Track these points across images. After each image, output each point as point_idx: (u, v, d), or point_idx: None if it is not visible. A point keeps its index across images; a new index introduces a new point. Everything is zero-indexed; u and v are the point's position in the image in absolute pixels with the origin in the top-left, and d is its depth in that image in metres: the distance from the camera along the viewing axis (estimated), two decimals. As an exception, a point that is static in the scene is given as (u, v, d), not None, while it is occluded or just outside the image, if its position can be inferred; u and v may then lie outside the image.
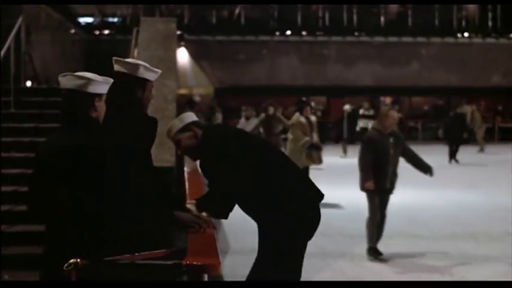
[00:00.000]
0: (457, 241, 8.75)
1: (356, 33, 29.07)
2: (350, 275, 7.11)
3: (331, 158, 13.67)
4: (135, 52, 9.76)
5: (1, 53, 9.12)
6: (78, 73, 3.41)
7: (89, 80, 3.36)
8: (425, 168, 7.80)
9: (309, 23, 29.05)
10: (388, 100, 30.93)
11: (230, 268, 4.31)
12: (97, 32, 27.29)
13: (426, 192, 13.11)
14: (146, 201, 3.51)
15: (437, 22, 29.38)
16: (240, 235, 7.93)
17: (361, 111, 20.67)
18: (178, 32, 13.48)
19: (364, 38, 29.18)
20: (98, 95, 3.40)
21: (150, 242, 3.45)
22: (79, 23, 25.48)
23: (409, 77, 28.98)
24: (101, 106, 3.43)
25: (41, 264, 3.42)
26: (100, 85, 3.40)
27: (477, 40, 29.49)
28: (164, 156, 6.73)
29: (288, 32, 28.99)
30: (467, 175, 15.84)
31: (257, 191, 3.96)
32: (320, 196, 4.13)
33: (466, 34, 29.62)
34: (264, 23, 28.78)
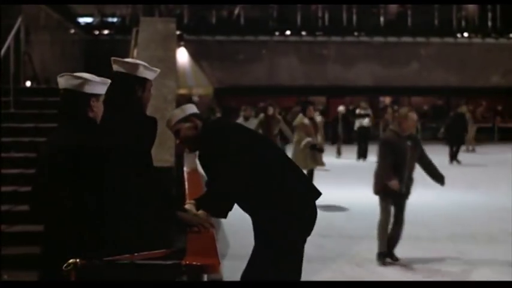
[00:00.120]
0: (457, 241, 8.75)
1: (355, 33, 29.10)
2: (349, 275, 7.11)
3: (328, 159, 13.65)
4: (135, 52, 9.76)
5: (1, 53, 9.12)
6: (75, 73, 3.42)
7: (85, 80, 3.36)
8: (438, 177, 7.58)
9: (309, 23, 29.07)
10: (388, 100, 30.95)
11: (230, 268, 4.30)
12: (96, 32, 27.32)
13: (426, 192, 13.10)
14: (146, 201, 3.51)
15: (436, 22, 29.40)
16: (240, 235, 7.92)
17: (357, 110, 20.62)
18: (177, 32, 13.47)
19: (363, 38, 29.20)
20: (95, 95, 3.40)
21: (150, 242, 3.45)
22: (78, 23, 25.49)
23: (409, 77, 29.00)
24: (98, 106, 3.43)
25: (40, 264, 3.41)
26: (97, 85, 3.40)
27: (477, 40, 29.51)
28: (164, 156, 6.73)
29: (288, 32, 29.02)
30: (467, 175, 15.84)
31: (257, 189, 3.92)
32: (317, 195, 4.12)
33: (466, 34, 29.65)
34: (264, 23, 28.79)
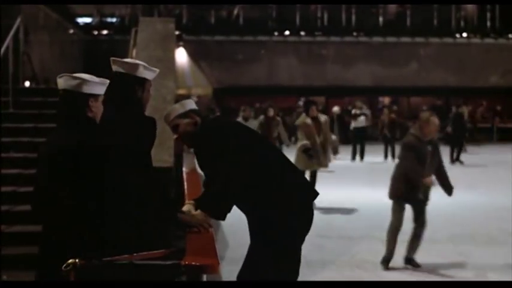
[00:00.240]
0: (457, 241, 8.75)
1: (355, 33, 29.11)
2: (349, 276, 7.10)
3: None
4: (134, 52, 9.76)
5: (0, 53, 9.12)
6: (74, 74, 3.42)
7: (84, 81, 3.37)
8: (449, 188, 7.40)
9: (308, 23, 29.08)
10: (387, 100, 30.94)
11: (229, 268, 4.30)
12: (95, 32, 27.33)
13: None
14: (146, 202, 3.50)
15: (435, 22, 29.41)
16: (239, 235, 7.90)
17: (353, 111, 20.44)
18: (176, 32, 13.48)
19: (362, 38, 29.21)
20: (93, 96, 3.40)
21: (149, 242, 3.45)
22: (77, 23, 25.51)
23: (408, 77, 29.01)
24: (97, 106, 3.43)
25: (38, 264, 3.40)
26: (95, 86, 3.41)
27: (476, 40, 29.52)
28: (163, 156, 6.73)
29: (287, 32, 29.03)
30: (467, 176, 15.82)
31: (256, 189, 3.90)
32: (315, 195, 4.13)
33: (465, 34, 29.66)
34: (263, 23, 28.80)
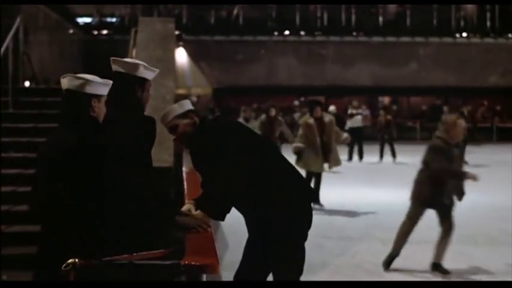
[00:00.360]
0: (457, 241, 8.73)
1: (354, 33, 29.11)
2: (349, 276, 7.10)
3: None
4: (134, 52, 9.76)
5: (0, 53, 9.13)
6: (78, 74, 3.42)
7: (87, 81, 3.37)
8: (461, 193, 7.27)
9: (308, 23, 29.08)
10: (387, 100, 30.95)
11: (229, 268, 4.30)
12: (95, 32, 27.33)
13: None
14: (146, 202, 3.50)
15: (435, 22, 29.42)
16: (239, 235, 7.89)
17: (349, 110, 20.07)
18: (176, 32, 13.48)
19: (362, 38, 29.21)
20: (96, 96, 3.40)
21: (149, 242, 3.45)
22: (77, 23, 25.50)
23: (408, 77, 29.01)
24: (100, 107, 3.43)
25: (36, 264, 3.40)
26: (98, 86, 3.40)
27: (475, 40, 29.53)
28: (162, 156, 6.73)
29: (287, 32, 29.03)
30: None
31: (256, 190, 3.89)
32: (313, 196, 4.12)
33: (465, 34, 29.66)
34: (263, 23, 28.80)
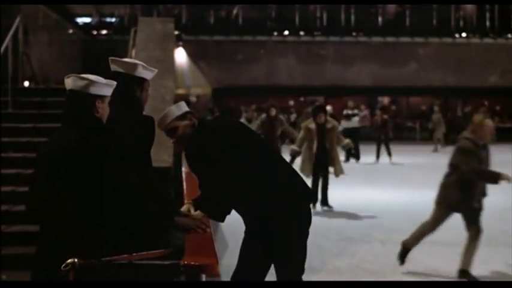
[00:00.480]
0: (457, 242, 8.73)
1: (354, 33, 29.12)
2: (348, 276, 7.10)
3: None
4: (133, 52, 9.77)
5: (-1, 53, 9.15)
6: (82, 75, 3.42)
7: (91, 82, 3.36)
8: (484, 195, 7.01)
9: (307, 23, 29.08)
10: (386, 100, 30.96)
11: (228, 268, 4.31)
12: (95, 32, 27.32)
13: (426, 192, 13.08)
14: (145, 202, 3.50)
15: (435, 22, 29.43)
16: (238, 235, 7.90)
17: (344, 111, 19.68)
18: (176, 32, 13.48)
19: (362, 38, 29.22)
20: (100, 97, 3.39)
21: (148, 242, 3.45)
22: (77, 23, 25.49)
23: (407, 77, 29.02)
24: (104, 108, 3.43)
25: (35, 264, 3.39)
26: (102, 87, 3.40)
27: (475, 40, 29.53)
28: (162, 156, 6.74)
29: (286, 32, 29.03)
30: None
31: (256, 190, 3.88)
32: (312, 197, 4.13)
33: (464, 34, 29.68)
34: (262, 23, 28.80)
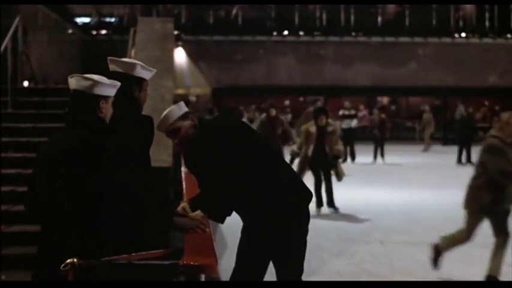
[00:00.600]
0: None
1: (353, 33, 29.11)
2: (347, 276, 7.10)
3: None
4: (132, 52, 9.77)
5: (-1, 53, 9.15)
6: (86, 75, 3.42)
7: (95, 82, 3.36)
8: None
9: (307, 23, 29.07)
10: (386, 100, 30.96)
11: (227, 268, 4.31)
12: (94, 32, 27.31)
13: (426, 192, 13.13)
14: (144, 202, 3.50)
15: (434, 22, 29.43)
16: (238, 235, 7.91)
17: (341, 112, 19.50)
18: (175, 32, 13.47)
19: (361, 38, 29.21)
20: (104, 97, 3.39)
21: (148, 242, 3.45)
22: (76, 23, 25.47)
23: (407, 77, 29.01)
24: (107, 108, 3.43)
25: (36, 264, 3.39)
26: (106, 87, 3.40)
27: (474, 40, 29.53)
28: (161, 156, 6.74)
29: (286, 32, 29.03)
30: (468, 175, 15.84)
31: (256, 190, 3.88)
32: (311, 197, 4.13)
33: (463, 34, 29.67)
34: (262, 23, 28.80)
